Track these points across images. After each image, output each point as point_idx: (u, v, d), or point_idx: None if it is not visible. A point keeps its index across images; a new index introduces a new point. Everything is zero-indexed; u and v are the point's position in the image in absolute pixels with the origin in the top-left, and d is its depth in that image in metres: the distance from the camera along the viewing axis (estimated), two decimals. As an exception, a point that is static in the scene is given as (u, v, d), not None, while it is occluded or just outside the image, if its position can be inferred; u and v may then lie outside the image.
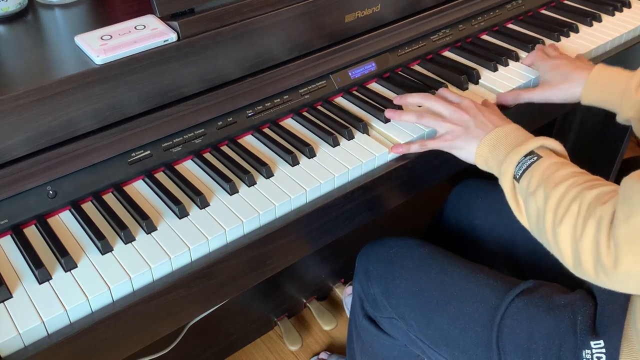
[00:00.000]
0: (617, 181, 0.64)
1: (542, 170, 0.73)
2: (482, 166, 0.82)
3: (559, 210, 0.68)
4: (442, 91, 0.94)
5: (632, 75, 0.90)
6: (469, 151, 0.84)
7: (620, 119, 0.92)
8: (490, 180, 1.13)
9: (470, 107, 0.86)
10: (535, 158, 0.75)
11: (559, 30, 1.15)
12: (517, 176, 0.76)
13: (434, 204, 1.32)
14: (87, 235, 0.74)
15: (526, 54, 1.10)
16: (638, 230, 0.60)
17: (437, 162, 0.94)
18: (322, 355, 1.45)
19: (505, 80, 1.03)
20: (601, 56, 1.14)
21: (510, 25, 1.19)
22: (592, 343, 0.76)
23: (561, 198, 0.69)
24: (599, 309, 0.78)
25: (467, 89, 1.01)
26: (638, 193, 0.60)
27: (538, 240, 0.74)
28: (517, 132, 0.81)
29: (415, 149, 0.87)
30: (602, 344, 0.76)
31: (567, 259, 0.68)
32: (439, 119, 0.87)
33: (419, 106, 0.94)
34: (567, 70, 0.96)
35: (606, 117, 1.43)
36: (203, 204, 0.78)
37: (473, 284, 0.88)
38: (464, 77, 1.02)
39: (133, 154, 0.81)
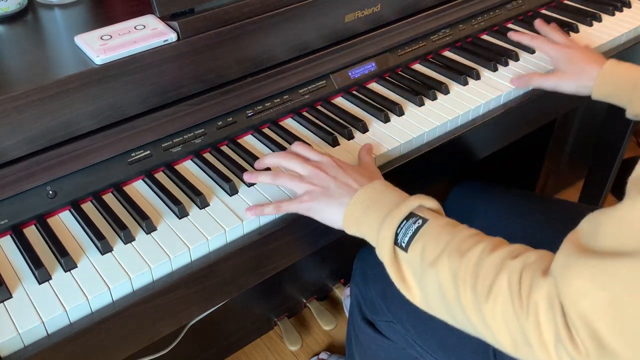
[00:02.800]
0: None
1: (435, 235, 0.64)
2: (353, 231, 0.72)
3: (480, 285, 0.59)
4: (297, 147, 0.81)
5: None
6: (330, 215, 0.73)
7: (629, 114, 0.92)
8: (489, 181, 1.13)
9: (330, 165, 0.76)
10: (420, 222, 0.66)
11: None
12: (404, 245, 0.65)
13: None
14: (87, 235, 0.74)
15: (527, 54, 1.09)
16: (604, 303, 0.51)
17: (437, 162, 0.94)
18: (322, 355, 1.45)
19: (505, 80, 1.03)
20: (601, 56, 1.14)
21: (511, 25, 1.19)
22: None
23: (476, 269, 0.60)
24: None
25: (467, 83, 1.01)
26: (588, 266, 0.53)
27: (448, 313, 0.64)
28: (387, 190, 0.72)
29: (269, 211, 0.76)
30: None
31: (501, 340, 0.59)
32: (296, 178, 0.76)
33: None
34: (581, 62, 0.95)
35: (606, 117, 1.44)
36: (203, 204, 0.78)
37: None
38: (464, 77, 1.02)
39: (133, 154, 0.81)
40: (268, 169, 0.82)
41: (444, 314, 0.65)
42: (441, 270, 0.62)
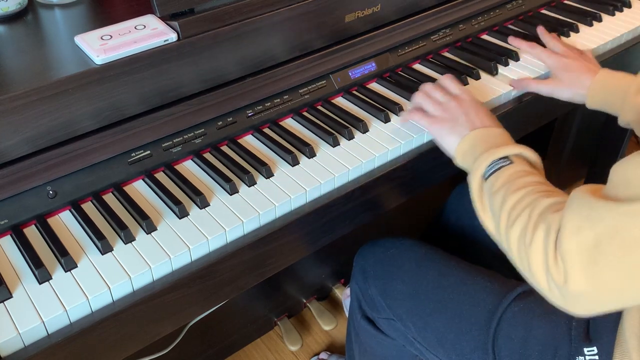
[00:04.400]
0: None
1: (508, 174, 0.74)
2: (459, 160, 0.83)
3: (512, 214, 0.68)
4: (444, 79, 0.94)
5: (632, 79, 0.91)
6: (449, 141, 0.84)
7: (621, 122, 0.93)
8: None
9: (466, 101, 0.87)
10: (507, 162, 0.76)
11: (559, 30, 1.16)
12: (486, 176, 0.76)
13: (434, 204, 1.32)
14: (87, 235, 0.74)
15: (527, 54, 1.09)
16: (588, 246, 0.57)
17: (438, 162, 0.94)
18: (322, 355, 1.45)
19: (505, 80, 1.03)
20: (601, 56, 1.14)
21: (510, 25, 1.19)
22: (585, 350, 0.76)
23: (517, 203, 0.69)
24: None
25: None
26: (586, 206, 0.59)
27: None
28: (502, 136, 0.81)
29: (403, 118, 0.92)
30: (595, 351, 0.76)
31: (519, 264, 0.68)
32: (435, 103, 0.89)
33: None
34: (577, 71, 0.97)
35: (607, 117, 1.43)
36: (203, 204, 0.78)
37: (470, 287, 0.88)
38: (464, 77, 1.02)
39: (133, 154, 0.81)
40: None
41: (498, 237, 0.73)
42: (497, 199, 0.72)
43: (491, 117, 0.86)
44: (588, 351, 0.76)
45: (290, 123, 0.94)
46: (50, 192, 0.75)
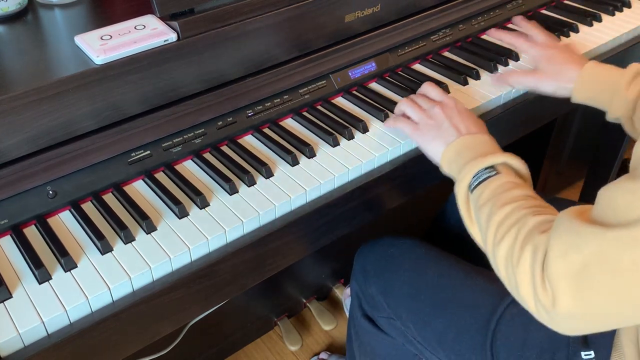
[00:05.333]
0: None
1: (494, 186, 0.72)
2: (445, 168, 0.80)
3: (499, 231, 0.66)
4: (425, 87, 0.92)
5: (623, 72, 0.88)
6: (434, 148, 0.82)
7: (610, 117, 0.90)
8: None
9: (450, 107, 0.85)
10: (493, 173, 0.73)
11: (559, 30, 1.15)
12: (472, 187, 0.74)
13: (434, 204, 1.32)
14: (87, 235, 0.74)
15: (511, 46, 1.08)
16: (575, 270, 0.57)
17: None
18: (322, 355, 1.45)
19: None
20: (601, 56, 1.14)
21: (511, 25, 1.19)
22: (582, 354, 0.76)
23: (504, 219, 0.67)
24: None
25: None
26: (574, 230, 0.58)
27: None
28: (487, 143, 0.79)
29: (389, 124, 0.90)
30: (593, 355, 0.76)
31: (506, 283, 0.67)
32: (418, 110, 0.87)
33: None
34: (561, 63, 0.93)
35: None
36: (203, 204, 0.78)
37: (469, 288, 0.88)
38: (464, 77, 1.02)
39: (133, 154, 0.81)
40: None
41: (486, 251, 0.71)
42: (483, 214, 0.70)
43: (476, 122, 0.84)
44: (585, 355, 0.76)
45: (290, 123, 0.94)
46: (50, 192, 0.75)
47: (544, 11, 1.25)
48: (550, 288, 0.59)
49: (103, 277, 0.69)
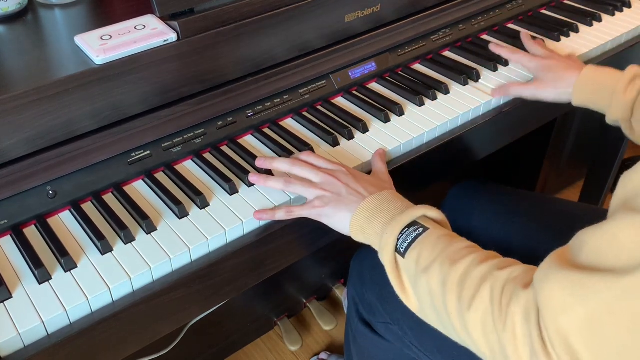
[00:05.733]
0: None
1: (431, 244, 0.65)
2: (359, 237, 0.74)
3: (465, 294, 0.60)
4: (307, 156, 0.82)
5: (621, 76, 0.88)
6: (341, 220, 0.74)
7: (609, 120, 0.91)
8: (487, 181, 1.13)
9: (342, 173, 0.78)
10: (420, 230, 0.67)
11: (559, 30, 1.16)
12: (402, 251, 0.67)
13: (432, 204, 1.32)
14: (87, 236, 0.74)
15: (510, 60, 1.08)
16: (582, 322, 0.51)
17: (437, 162, 0.94)
18: (322, 355, 1.45)
19: (505, 80, 1.03)
20: (601, 56, 1.14)
21: (510, 25, 1.19)
22: None
23: (463, 278, 0.61)
24: None
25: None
26: (568, 280, 0.52)
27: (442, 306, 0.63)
28: (394, 200, 0.73)
29: (280, 216, 0.77)
30: None
31: (486, 351, 0.60)
32: (308, 184, 0.77)
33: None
34: (559, 70, 0.95)
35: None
36: (203, 204, 0.78)
37: None
38: (464, 77, 1.02)
39: (133, 154, 0.81)
40: (269, 171, 0.82)
41: (436, 321, 0.65)
42: (432, 277, 0.63)
43: (372, 179, 0.79)
44: None
45: (290, 123, 0.94)
46: (50, 192, 0.75)
47: (544, 11, 1.25)
48: (554, 349, 0.52)
49: (103, 277, 0.69)
